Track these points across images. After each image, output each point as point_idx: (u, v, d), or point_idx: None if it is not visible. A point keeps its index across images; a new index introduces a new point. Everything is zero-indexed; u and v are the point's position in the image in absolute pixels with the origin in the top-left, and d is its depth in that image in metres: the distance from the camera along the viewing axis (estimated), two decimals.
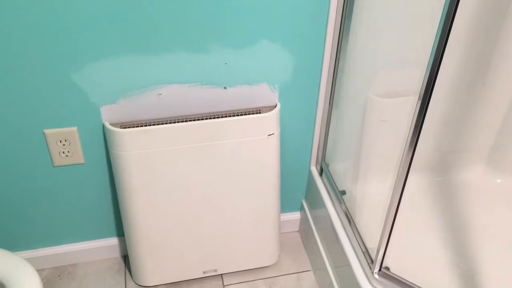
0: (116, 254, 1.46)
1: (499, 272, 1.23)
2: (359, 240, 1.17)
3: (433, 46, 0.78)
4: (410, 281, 1.06)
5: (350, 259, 1.17)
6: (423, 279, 1.05)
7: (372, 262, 1.09)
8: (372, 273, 1.09)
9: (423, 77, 0.83)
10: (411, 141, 0.91)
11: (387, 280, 1.08)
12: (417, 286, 1.05)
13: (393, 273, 1.08)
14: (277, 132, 1.24)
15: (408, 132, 0.90)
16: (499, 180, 1.52)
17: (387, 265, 1.09)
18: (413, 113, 0.88)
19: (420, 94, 0.85)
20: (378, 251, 1.06)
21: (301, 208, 1.52)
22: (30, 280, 0.95)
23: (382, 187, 1.07)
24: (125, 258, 1.46)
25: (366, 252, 1.14)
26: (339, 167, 1.35)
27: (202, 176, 1.24)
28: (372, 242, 1.11)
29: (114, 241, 1.43)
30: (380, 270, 1.08)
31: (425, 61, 0.82)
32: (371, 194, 1.19)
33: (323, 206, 1.33)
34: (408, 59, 1.19)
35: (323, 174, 1.38)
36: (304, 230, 1.52)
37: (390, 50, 1.21)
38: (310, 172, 1.43)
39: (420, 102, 0.85)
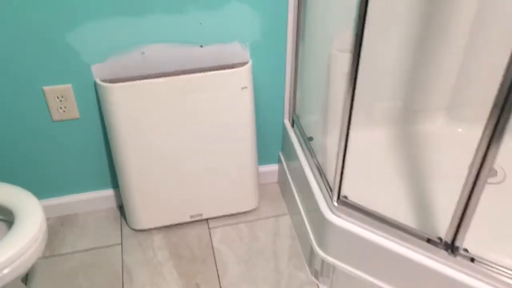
0: (113, 204, 1.62)
1: (450, 204, 1.38)
2: (325, 182, 1.32)
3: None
4: (365, 206, 1.22)
5: (316, 196, 1.32)
6: (379, 207, 1.21)
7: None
8: (332, 201, 1.24)
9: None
10: (347, 90, 1.07)
11: (345, 207, 1.23)
12: (370, 210, 1.21)
13: (350, 201, 1.23)
14: (250, 85, 1.39)
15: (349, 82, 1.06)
16: (460, 130, 1.67)
17: (345, 195, 1.25)
18: (350, 65, 1.04)
19: (351, 48, 1.01)
20: (334, 181, 1.21)
21: (279, 160, 1.68)
22: (34, 208, 1.12)
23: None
24: (121, 208, 1.62)
25: (330, 190, 1.29)
26: (308, 118, 1.50)
27: (185, 128, 1.39)
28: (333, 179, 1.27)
29: (110, 192, 1.60)
30: (338, 198, 1.24)
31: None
32: (333, 139, 1.33)
33: (295, 154, 1.48)
34: None
35: (295, 125, 1.53)
36: (282, 180, 1.68)
37: (348, 6, 1.35)
38: (284, 125, 1.58)
39: (352, 55, 1.01)
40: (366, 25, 0.99)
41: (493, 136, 0.94)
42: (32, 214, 1.09)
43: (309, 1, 1.31)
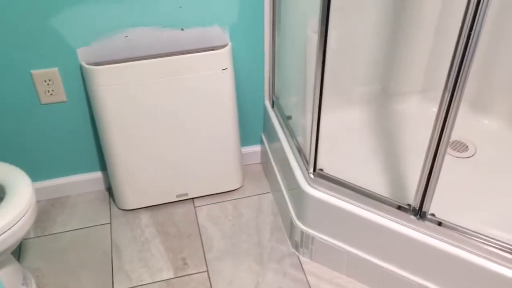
0: (101, 187, 1.68)
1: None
2: (303, 157, 1.38)
3: None
4: (340, 178, 1.28)
5: (295, 172, 1.38)
6: (354, 179, 1.27)
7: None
8: (309, 173, 1.30)
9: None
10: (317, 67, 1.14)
11: (321, 179, 1.30)
12: (345, 181, 1.27)
13: (326, 173, 1.30)
14: (230, 67, 1.45)
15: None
16: (434, 109, 1.72)
17: (321, 167, 1.31)
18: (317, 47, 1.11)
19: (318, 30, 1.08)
20: (310, 154, 1.27)
21: (261, 142, 1.74)
22: (24, 183, 1.18)
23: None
24: (109, 190, 1.68)
25: (307, 163, 1.35)
26: (287, 99, 1.56)
27: (168, 108, 1.45)
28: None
29: (99, 174, 1.65)
30: (314, 171, 1.30)
31: None
32: (310, 118, 1.40)
33: (276, 133, 1.55)
34: None
35: (275, 106, 1.59)
36: (265, 160, 1.74)
37: None
38: (265, 106, 1.65)
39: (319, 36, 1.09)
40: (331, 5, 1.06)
41: (448, 112, 1.05)
42: (21, 189, 1.15)
43: None
